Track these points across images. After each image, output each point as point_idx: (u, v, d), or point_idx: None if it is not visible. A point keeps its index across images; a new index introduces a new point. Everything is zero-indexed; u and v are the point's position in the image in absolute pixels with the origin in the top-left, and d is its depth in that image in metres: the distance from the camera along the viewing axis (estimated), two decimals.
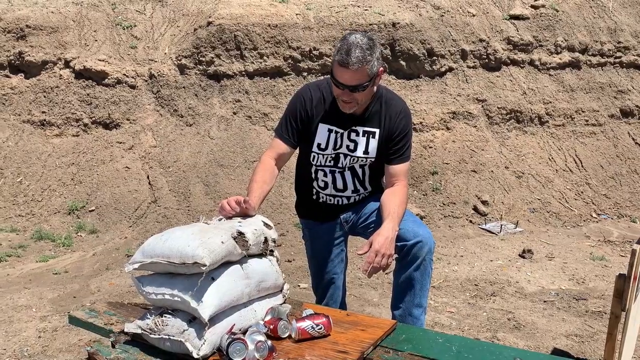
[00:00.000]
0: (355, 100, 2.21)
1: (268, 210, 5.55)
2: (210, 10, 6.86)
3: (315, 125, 2.33)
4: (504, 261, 4.67)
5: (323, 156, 2.36)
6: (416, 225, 2.28)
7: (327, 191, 2.44)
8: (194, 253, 1.71)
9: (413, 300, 2.30)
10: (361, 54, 2.10)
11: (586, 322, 3.56)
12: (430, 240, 2.24)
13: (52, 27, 6.67)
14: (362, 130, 2.33)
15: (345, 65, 2.11)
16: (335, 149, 2.34)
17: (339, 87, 2.18)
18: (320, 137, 2.34)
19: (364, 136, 2.33)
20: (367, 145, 2.34)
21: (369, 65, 2.13)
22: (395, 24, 6.72)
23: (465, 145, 6.45)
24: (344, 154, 2.35)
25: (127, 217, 5.56)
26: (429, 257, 2.25)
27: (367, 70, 2.14)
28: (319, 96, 2.35)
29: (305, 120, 2.34)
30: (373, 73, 2.17)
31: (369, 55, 2.12)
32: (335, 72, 2.17)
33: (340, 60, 2.12)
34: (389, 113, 2.34)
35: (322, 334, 1.84)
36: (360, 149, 2.33)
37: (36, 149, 6.16)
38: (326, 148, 2.34)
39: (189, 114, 6.44)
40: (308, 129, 2.35)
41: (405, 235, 2.23)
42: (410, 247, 2.22)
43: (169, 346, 1.75)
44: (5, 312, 3.68)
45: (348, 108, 2.25)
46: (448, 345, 1.85)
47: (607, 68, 7.22)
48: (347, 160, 2.36)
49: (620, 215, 6.04)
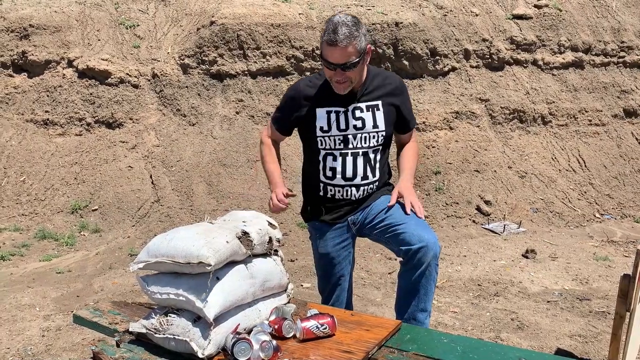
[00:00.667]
0: (349, 79, 2.24)
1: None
2: (213, 10, 6.86)
3: (313, 112, 2.37)
4: (507, 261, 4.66)
5: (330, 138, 2.36)
6: (422, 229, 2.24)
7: (335, 181, 2.39)
8: (199, 253, 1.71)
9: (417, 305, 2.28)
10: (348, 31, 2.14)
11: (590, 322, 3.55)
12: (435, 246, 2.20)
13: (55, 26, 6.68)
14: (365, 105, 2.36)
15: (334, 44, 2.15)
16: (341, 130, 2.35)
17: (330, 68, 2.21)
18: (320, 121, 2.36)
19: (369, 111, 2.36)
20: (375, 119, 2.36)
21: (356, 40, 2.17)
22: (398, 23, 6.71)
23: (468, 145, 6.44)
24: (353, 134, 2.35)
25: (130, 216, 5.57)
26: (434, 262, 2.21)
27: (356, 47, 2.17)
28: (311, 85, 2.40)
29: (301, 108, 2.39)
30: (362, 49, 2.20)
31: (356, 32, 2.16)
32: (324, 52, 2.21)
33: (328, 39, 2.16)
34: (384, 84, 2.40)
35: (326, 333, 1.83)
36: (369, 124, 2.35)
37: (39, 148, 6.17)
38: (329, 129, 2.35)
39: (191, 114, 6.45)
40: (306, 117, 2.38)
41: (410, 239, 2.20)
42: (415, 252, 2.18)
43: (173, 346, 1.75)
44: (8, 311, 3.68)
45: (342, 88, 2.27)
46: (453, 346, 1.84)
47: (610, 68, 7.20)
48: (358, 139, 2.36)
49: (623, 215, 6.02)
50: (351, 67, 2.20)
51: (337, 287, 2.53)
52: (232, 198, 5.72)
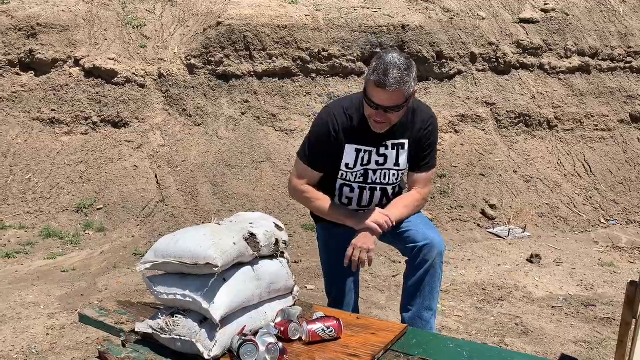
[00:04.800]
0: (389, 120, 2.15)
1: (275, 211, 5.55)
2: (219, 11, 6.87)
3: (342, 146, 2.26)
4: (511, 266, 4.64)
5: (352, 174, 2.31)
6: (427, 228, 2.28)
7: (350, 206, 2.40)
8: (206, 254, 1.71)
9: (423, 303, 2.29)
10: (399, 75, 2.04)
11: (595, 328, 3.53)
12: (440, 244, 2.23)
13: (62, 25, 6.70)
14: (391, 143, 2.27)
15: (382, 86, 2.04)
16: (363, 165, 2.29)
17: (373, 107, 2.11)
18: (348, 157, 2.26)
19: (394, 149, 2.28)
20: (398, 157, 2.29)
21: (406, 86, 2.07)
22: (405, 26, 6.71)
23: (474, 149, 6.43)
24: (373, 169, 2.30)
25: (135, 215, 5.58)
26: (438, 260, 2.24)
27: (404, 92, 2.08)
28: (344, 119, 2.25)
29: (333, 144, 2.25)
30: (409, 94, 2.11)
31: (407, 77, 2.06)
32: (370, 92, 2.10)
33: (377, 80, 2.04)
34: (416, 122, 2.29)
35: (332, 336, 1.83)
36: (391, 161, 2.29)
37: (45, 146, 6.18)
38: (354, 167, 2.29)
39: (197, 114, 6.46)
40: (335, 152, 2.28)
41: (415, 237, 2.23)
42: (419, 250, 2.22)
43: (179, 346, 1.75)
44: (13, 309, 3.69)
45: (380, 128, 2.19)
46: (459, 351, 1.84)
47: (617, 73, 7.18)
48: (378, 175, 2.31)
49: (629, 221, 6.00)
50: (395, 110, 2.11)
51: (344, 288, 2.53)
52: (236, 199, 5.72)
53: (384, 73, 2.03)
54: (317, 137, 2.28)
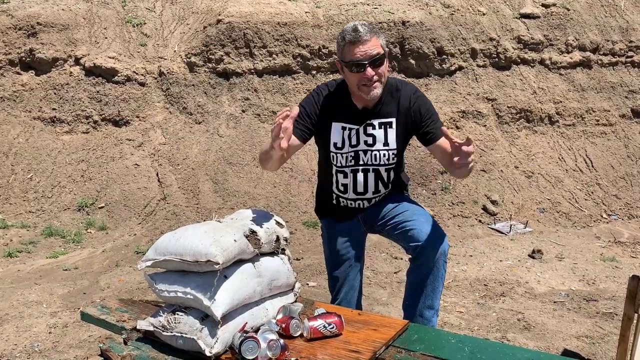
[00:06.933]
0: (378, 77, 2.16)
1: (277, 209, 5.55)
2: (219, 8, 6.87)
3: (329, 125, 2.31)
4: (513, 261, 4.64)
5: (342, 155, 2.32)
6: (431, 227, 2.25)
7: (347, 195, 2.40)
8: (207, 251, 1.71)
9: (425, 302, 2.28)
10: (367, 26, 2.14)
11: (597, 323, 3.53)
12: (444, 244, 2.21)
13: (62, 24, 6.70)
14: (377, 122, 2.29)
15: (357, 40, 2.11)
16: (353, 147, 2.30)
17: (358, 69, 2.13)
18: (335, 136, 2.30)
19: (381, 128, 2.30)
20: (386, 136, 2.30)
21: (377, 35, 2.16)
22: (405, 22, 6.69)
23: (475, 145, 6.42)
24: (363, 150, 2.31)
25: (137, 214, 5.58)
26: (442, 259, 2.22)
27: (378, 41, 2.16)
28: (330, 96, 2.32)
29: (319, 115, 2.30)
30: (384, 44, 2.19)
31: (375, 28, 2.17)
32: (348, 55, 2.14)
33: (351, 38, 2.12)
34: (401, 99, 2.30)
35: (334, 333, 1.83)
36: (380, 141, 2.30)
37: (46, 145, 6.19)
38: (343, 146, 2.31)
39: (198, 112, 6.45)
40: (322, 128, 2.32)
41: (419, 236, 2.21)
42: (422, 249, 2.19)
43: (181, 344, 1.75)
44: (16, 308, 3.70)
45: (373, 91, 2.18)
46: (461, 346, 1.84)
47: (618, 67, 7.16)
48: (368, 156, 2.31)
49: (631, 216, 5.99)
50: (380, 60, 2.14)
51: (346, 285, 2.52)
52: (238, 196, 5.72)
53: (353, 30, 2.12)
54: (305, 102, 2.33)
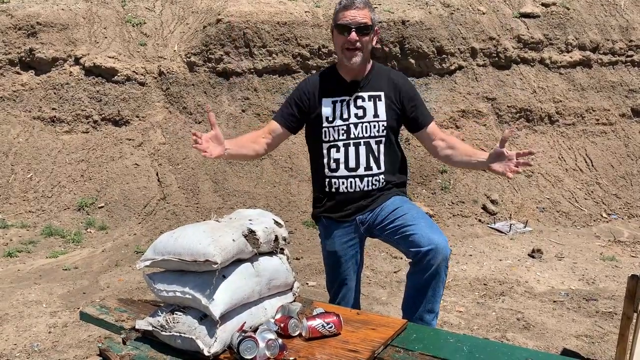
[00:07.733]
0: (362, 44, 2.29)
1: (276, 208, 5.55)
2: (219, 8, 6.86)
3: (319, 102, 2.42)
4: (513, 261, 4.64)
5: (334, 129, 2.39)
6: (432, 231, 2.20)
7: (339, 172, 2.39)
8: (206, 251, 1.71)
9: (425, 306, 2.26)
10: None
11: (596, 322, 3.53)
12: (445, 249, 2.16)
13: (62, 24, 6.70)
14: (367, 95, 2.40)
15: (350, 6, 2.26)
16: (344, 120, 2.38)
17: (345, 31, 2.27)
18: (326, 110, 2.40)
19: (370, 100, 2.39)
20: (375, 108, 2.39)
21: (370, 9, 2.31)
22: (405, 21, 6.69)
23: (475, 144, 6.42)
24: (354, 123, 2.38)
25: (136, 213, 5.58)
26: (443, 265, 2.18)
27: (369, 13, 2.29)
28: (316, 79, 2.46)
29: (309, 97, 2.43)
30: (374, 19, 2.32)
31: (369, 3, 2.32)
32: (340, 17, 2.29)
33: (345, 4, 2.28)
34: (391, 77, 2.44)
35: (332, 332, 1.83)
36: (370, 113, 2.38)
37: (46, 145, 6.19)
38: (334, 119, 2.39)
39: (197, 112, 6.45)
40: (313, 107, 2.42)
41: (420, 241, 2.17)
42: (424, 254, 2.15)
43: (180, 343, 1.75)
44: (15, 308, 3.71)
45: (353, 56, 2.31)
46: (459, 345, 1.84)
47: (618, 67, 7.15)
48: (360, 128, 2.38)
49: (630, 215, 5.99)
50: (366, 29, 2.28)
51: (344, 286, 2.52)
52: (237, 196, 5.72)
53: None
54: (291, 94, 2.51)
